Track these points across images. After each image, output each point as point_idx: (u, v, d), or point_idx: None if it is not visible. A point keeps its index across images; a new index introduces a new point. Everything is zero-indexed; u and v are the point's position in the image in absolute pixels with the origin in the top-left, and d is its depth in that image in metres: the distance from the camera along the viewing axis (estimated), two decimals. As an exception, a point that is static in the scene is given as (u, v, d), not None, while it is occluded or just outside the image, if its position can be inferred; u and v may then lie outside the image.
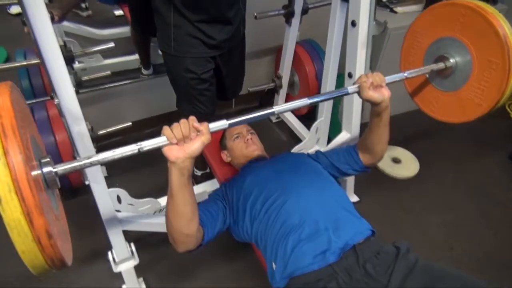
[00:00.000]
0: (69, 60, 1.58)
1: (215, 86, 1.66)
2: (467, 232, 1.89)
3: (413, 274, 0.99)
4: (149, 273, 1.67)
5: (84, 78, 2.28)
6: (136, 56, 2.35)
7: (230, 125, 0.97)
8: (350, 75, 1.65)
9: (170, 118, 1.16)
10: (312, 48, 2.20)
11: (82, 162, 0.81)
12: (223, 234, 1.25)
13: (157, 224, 1.57)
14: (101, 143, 2.18)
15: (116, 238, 1.43)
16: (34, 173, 0.68)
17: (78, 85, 2.17)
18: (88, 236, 1.69)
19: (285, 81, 2.28)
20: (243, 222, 1.21)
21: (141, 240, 1.67)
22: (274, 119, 2.52)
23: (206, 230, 1.11)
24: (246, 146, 1.46)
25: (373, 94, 1.14)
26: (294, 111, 2.34)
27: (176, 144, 0.88)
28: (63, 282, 1.63)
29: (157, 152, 0.90)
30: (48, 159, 0.76)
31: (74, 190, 1.91)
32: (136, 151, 0.85)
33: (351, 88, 1.15)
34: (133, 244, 1.52)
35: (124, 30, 2.55)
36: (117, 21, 2.77)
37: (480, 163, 2.28)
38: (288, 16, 1.99)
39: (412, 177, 2.18)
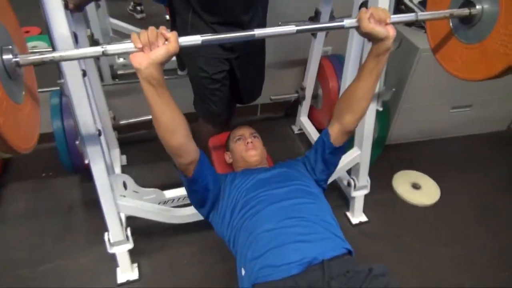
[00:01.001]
0: (94, 43, 1.71)
1: (227, 88, 1.69)
2: (479, 271, 1.75)
3: None
4: (144, 261, 1.72)
5: (120, 71, 2.44)
6: (173, 58, 2.46)
7: (203, 42, 0.93)
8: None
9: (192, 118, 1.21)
10: (338, 63, 2.18)
11: (45, 56, 0.84)
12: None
13: (152, 213, 1.63)
14: (126, 134, 2.32)
15: (112, 220, 1.50)
16: None
17: (113, 77, 2.33)
18: (97, 217, 1.78)
19: (308, 93, 2.27)
20: (222, 220, 1.22)
21: (141, 230, 1.75)
22: (296, 130, 2.51)
23: (200, 166, 1.11)
24: (246, 149, 1.46)
25: (374, 27, 0.98)
26: (315, 124, 2.32)
27: (142, 50, 0.86)
28: (63, 257, 1.73)
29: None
30: (10, 47, 0.79)
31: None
32: (100, 53, 0.87)
33: (348, 21, 1.01)
34: (130, 230, 1.59)
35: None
36: (167, 25, 2.94)
37: (508, 200, 2.11)
38: (314, 28, 1.99)
39: (431, 205, 2.06)
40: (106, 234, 1.54)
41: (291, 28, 0.97)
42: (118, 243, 1.57)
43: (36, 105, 0.99)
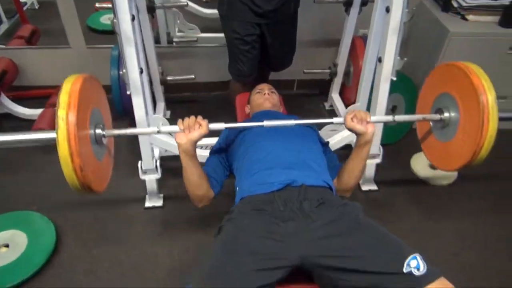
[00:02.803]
0: (150, 9, 2.01)
1: (257, 51, 1.90)
2: (479, 246, 1.79)
3: (342, 220, 1.10)
4: (169, 193, 1.99)
5: (175, 39, 2.76)
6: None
7: (227, 128, 1.32)
8: (380, 60, 1.74)
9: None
10: (371, 43, 2.28)
11: (122, 131, 1.29)
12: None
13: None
14: (173, 94, 2.62)
15: (145, 149, 1.78)
16: (84, 132, 1.08)
17: (168, 42, 2.67)
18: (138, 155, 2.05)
19: (340, 70, 2.41)
20: (236, 157, 1.42)
21: (171, 170, 2.00)
22: (327, 107, 2.66)
23: (214, 189, 1.36)
24: (263, 99, 1.67)
25: (355, 125, 1.25)
26: (344, 101, 2.46)
27: (183, 131, 1.21)
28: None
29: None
30: (101, 125, 1.21)
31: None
32: (156, 132, 1.30)
33: (336, 119, 1.34)
34: (159, 161, 1.86)
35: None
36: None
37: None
38: (347, 5, 2.13)
39: (445, 185, 2.10)
40: (139, 162, 1.83)
41: (291, 122, 1.31)
42: (149, 171, 1.85)
43: (110, 160, 1.36)
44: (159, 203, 1.94)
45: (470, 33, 2.11)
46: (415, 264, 0.95)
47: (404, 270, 0.95)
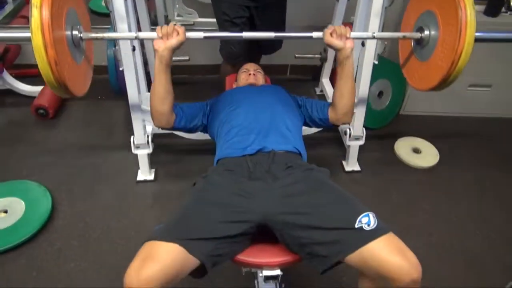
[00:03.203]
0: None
1: (246, 33, 1.98)
2: (453, 227, 1.88)
3: (305, 181, 1.20)
4: (161, 168, 2.09)
5: (173, 22, 2.82)
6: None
7: (205, 37, 1.35)
8: (363, 44, 1.81)
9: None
10: (361, 29, 2.35)
11: (99, 35, 1.31)
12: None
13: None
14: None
15: (137, 125, 1.88)
16: (59, 27, 1.11)
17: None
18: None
19: (330, 56, 2.48)
20: (214, 121, 1.53)
21: (163, 146, 2.13)
22: (318, 92, 2.74)
23: (178, 119, 1.46)
24: (247, 78, 1.76)
25: (333, 40, 1.32)
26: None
27: (161, 38, 1.27)
28: (101, 156, 2.17)
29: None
30: (78, 27, 1.23)
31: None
32: (134, 38, 1.36)
33: (315, 34, 1.36)
34: (151, 137, 1.96)
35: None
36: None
37: (505, 179, 2.17)
38: (337, -9, 2.20)
39: (426, 168, 2.19)
40: (132, 137, 1.92)
41: (269, 34, 1.35)
42: (141, 146, 1.95)
43: (89, 67, 1.41)
44: (150, 177, 2.04)
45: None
46: (366, 221, 1.04)
47: (356, 226, 1.04)
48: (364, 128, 2.03)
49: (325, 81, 2.59)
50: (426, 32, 1.39)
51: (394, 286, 0.99)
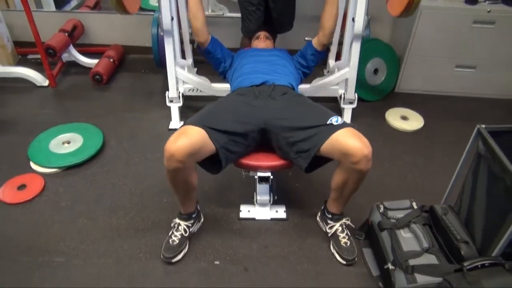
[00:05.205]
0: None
1: (262, 12, 2.46)
2: (426, 174, 2.23)
3: (293, 100, 1.67)
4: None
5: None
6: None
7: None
8: (353, 20, 2.24)
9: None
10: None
11: None
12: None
13: (197, 83, 2.47)
14: (200, 57, 3.23)
15: (172, 82, 2.39)
16: None
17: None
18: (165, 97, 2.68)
19: (335, 40, 2.90)
20: (233, 69, 2.03)
21: (192, 107, 2.64)
22: (325, 72, 3.16)
23: (211, 44, 2.04)
24: (259, 42, 2.25)
25: None
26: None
27: None
28: (142, 111, 2.69)
29: None
30: None
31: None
32: None
33: None
34: (182, 93, 2.46)
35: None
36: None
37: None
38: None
39: (411, 131, 2.55)
40: (167, 92, 2.44)
41: None
42: (174, 100, 2.45)
43: None
44: (179, 126, 2.53)
45: (439, 7, 2.56)
46: (335, 120, 1.51)
47: (327, 122, 1.49)
48: (356, 94, 2.44)
49: (331, 62, 3.01)
50: None
51: (353, 161, 1.41)
